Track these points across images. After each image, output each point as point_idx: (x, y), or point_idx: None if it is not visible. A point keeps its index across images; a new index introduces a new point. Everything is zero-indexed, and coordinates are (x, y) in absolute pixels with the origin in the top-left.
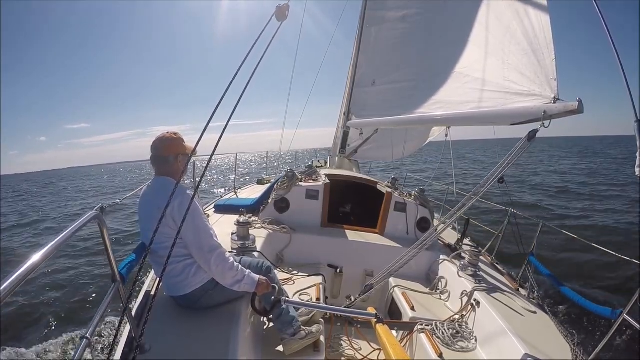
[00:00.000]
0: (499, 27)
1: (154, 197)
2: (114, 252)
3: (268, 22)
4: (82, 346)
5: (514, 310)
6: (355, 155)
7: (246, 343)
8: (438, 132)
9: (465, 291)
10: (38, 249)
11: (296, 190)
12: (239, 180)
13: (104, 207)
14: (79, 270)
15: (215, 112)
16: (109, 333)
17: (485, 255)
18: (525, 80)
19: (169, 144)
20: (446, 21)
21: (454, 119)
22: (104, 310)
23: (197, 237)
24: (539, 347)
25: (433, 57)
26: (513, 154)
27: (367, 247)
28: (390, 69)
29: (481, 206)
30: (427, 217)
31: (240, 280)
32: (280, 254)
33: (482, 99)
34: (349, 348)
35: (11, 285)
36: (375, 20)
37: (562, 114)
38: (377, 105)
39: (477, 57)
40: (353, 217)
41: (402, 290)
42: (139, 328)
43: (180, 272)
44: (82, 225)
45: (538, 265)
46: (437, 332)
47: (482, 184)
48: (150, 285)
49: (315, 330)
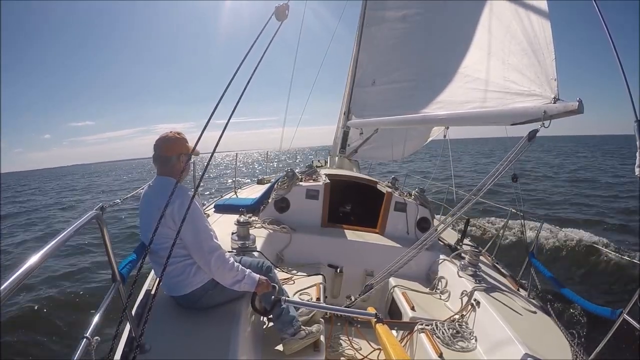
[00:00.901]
0: (499, 27)
1: (155, 197)
2: (113, 251)
3: (267, 21)
4: (82, 346)
5: (514, 310)
6: (355, 155)
7: (246, 343)
8: (438, 132)
9: (465, 291)
10: (38, 249)
11: (296, 190)
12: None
13: (104, 206)
14: (79, 270)
15: (215, 110)
16: (109, 333)
17: (485, 255)
18: (525, 80)
19: (172, 143)
20: (446, 21)
21: (454, 118)
22: (104, 309)
23: (197, 239)
24: (539, 347)
25: (433, 57)
26: (513, 153)
27: (367, 247)
28: (390, 69)
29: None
30: (427, 217)
31: (240, 280)
32: (280, 254)
33: (482, 99)
34: (349, 348)
35: (11, 285)
36: (375, 20)
37: (562, 114)
38: (377, 105)
39: (477, 57)
40: (353, 217)
41: (402, 290)
42: (139, 328)
43: (180, 272)
44: (82, 225)
45: (538, 265)
46: (437, 332)
47: (482, 184)
48: (150, 285)
49: (315, 330)
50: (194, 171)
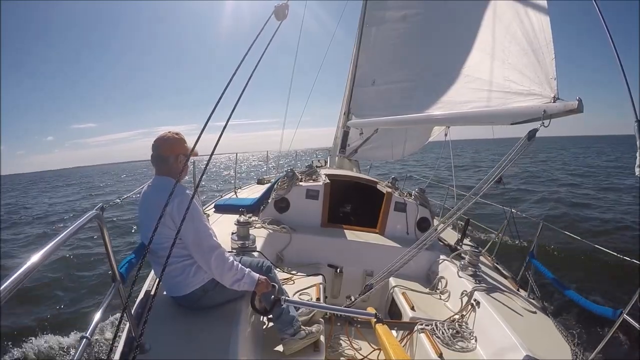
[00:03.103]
0: (499, 27)
1: (154, 197)
2: (113, 251)
3: (267, 21)
4: (82, 346)
5: (514, 310)
6: (355, 155)
7: (246, 343)
8: (438, 132)
9: (465, 291)
10: (38, 249)
11: (296, 190)
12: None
13: (104, 206)
14: (79, 269)
15: (213, 112)
16: (109, 333)
17: (485, 255)
18: (525, 79)
19: (170, 143)
20: (446, 21)
21: (454, 118)
22: (104, 309)
23: (197, 238)
24: (539, 347)
25: (433, 56)
26: (513, 153)
27: (367, 247)
28: (390, 69)
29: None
30: (427, 217)
31: (240, 279)
32: (280, 254)
33: (482, 99)
34: (349, 348)
35: (11, 285)
36: (375, 20)
37: (562, 113)
38: (377, 105)
39: (477, 57)
40: (353, 217)
41: (402, 290)
42: (139, 328)
43: (180, 273)
44: (82, 225)
45: (538, 265)
46: (437, 332)
47: (481, 184)
48: (150, 285)
49: (316, 330)
50: (194, 172)
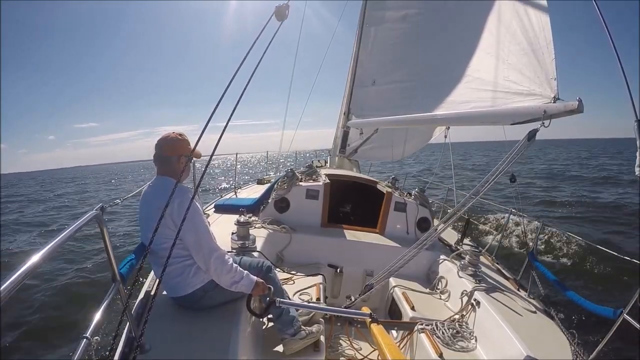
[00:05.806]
0: (499, 27)
1: (155, 197)
2: (114, 251)
3: (267, 21)
4: (82, 346)
5: (514, 310)
6: (355, 155)
7: (246, 343)
8: (439, 133)
9: (465, 291)
10: (38, 249)
11: (296, 190)
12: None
13: (104, 206)
14: (79, 269)
15: (215, 112)
16: (109, 333)
17: (485, 255)
18: (525, 79)
19: (173, 144)
20: (446, 21)
21: (454, 118)
22: (104, 309)
23: (197, 239)
24: (539, 347)
25: (433, 56)
26: (513, 153)
27: (367, 247)
28: (390, 69)
29: (482, 206)
30: (427, 217)
31: (238, 282)
32: (280, 254)
33: (482, 99)
34: (349, 348)
35: (11, 285)
36: (375, 20)
37: (562, 114)
38: (377, 105)
39: (477, 57)
40: (353, 217)
41: (402, 290)
42: (139, 328)
43: (180, 273)
44: (82, 225)
45: (538, 265)
46: (437, 332)
47: (482, 184)
48: (150, 285)
49: (316, 330)
50: (194, 172)
